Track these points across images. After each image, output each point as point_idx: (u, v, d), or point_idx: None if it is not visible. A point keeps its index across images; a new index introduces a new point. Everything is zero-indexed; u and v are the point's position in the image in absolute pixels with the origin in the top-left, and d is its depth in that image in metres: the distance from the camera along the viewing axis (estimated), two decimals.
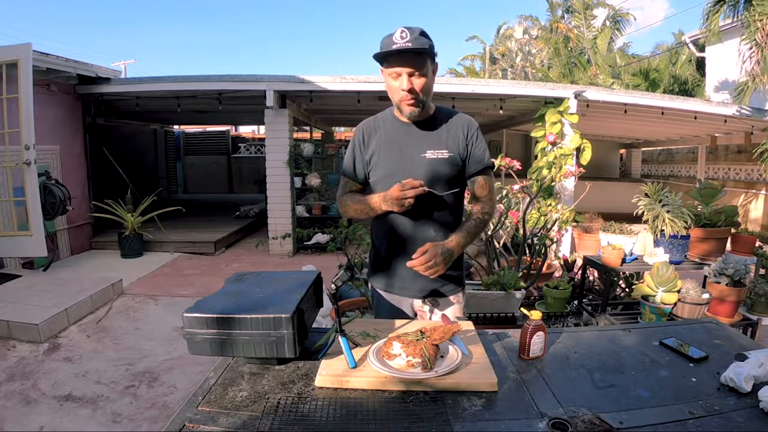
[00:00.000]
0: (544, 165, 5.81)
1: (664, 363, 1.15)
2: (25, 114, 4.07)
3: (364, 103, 6.18)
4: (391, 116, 1.51)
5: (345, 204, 1.52)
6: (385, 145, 1.47)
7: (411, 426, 0.88)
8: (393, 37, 1.32)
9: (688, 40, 11.35)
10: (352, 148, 1.53)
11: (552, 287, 2.89)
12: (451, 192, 1.44)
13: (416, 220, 1.45)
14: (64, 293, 3.73)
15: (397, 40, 1.31)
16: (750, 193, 8.07)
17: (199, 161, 12.86)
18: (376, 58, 1.36)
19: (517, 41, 18.83)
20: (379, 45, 1.36)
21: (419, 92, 1.37)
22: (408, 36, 1.31)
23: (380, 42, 1.36)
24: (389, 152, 1.46)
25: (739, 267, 2.43)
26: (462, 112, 1.54)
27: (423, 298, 1.53)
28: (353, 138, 1.54)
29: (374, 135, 1.50)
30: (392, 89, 1.41)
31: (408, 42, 1.30)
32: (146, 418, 2.33)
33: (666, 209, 2.77)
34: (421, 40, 1.32)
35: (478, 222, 1.45)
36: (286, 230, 6.04)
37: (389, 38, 1.33)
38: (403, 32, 1.31)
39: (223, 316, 1.05)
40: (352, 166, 1.53)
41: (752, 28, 6.00)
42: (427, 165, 1.43)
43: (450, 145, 1.45)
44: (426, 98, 1.41)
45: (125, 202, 5.73)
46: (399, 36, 1.31)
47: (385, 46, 1.33)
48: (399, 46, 1.30)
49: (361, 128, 1.53)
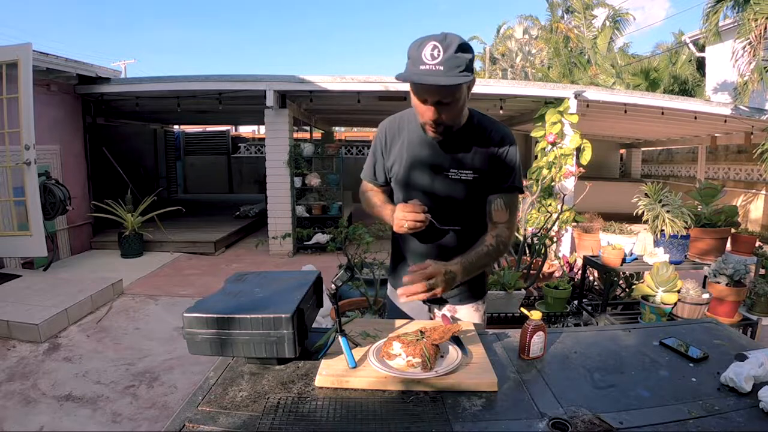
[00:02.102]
0: (544, 165, 5.81)
1: (664, 363, 1.15)
2: (25, 114, 4.07)
3: (364, 103, 6.19)
4: (416, 122, 1.31)
5: (364, 200, 1.47)
6: (407, 156, 1.33)
7: (411, 426, 0.88)
8: (422, 54, 1.07)
9: (688, 40, 11.35)
10: (373, 152, 1.41)
11: (552, 287, 2.89)
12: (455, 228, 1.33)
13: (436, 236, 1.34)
14: (64, 293, 3.73)
15: (426, 59, 1.07)
16: (750, 193, 8.07)
17: (199, 161, 12.87)
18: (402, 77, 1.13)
19: (517, 41, 18.84)
20: (407, 52, 1.12)
21: (447, 121, 1.19)
22: (441, 55, 1.06)
23: (408, 49, 1.12)
24: (410, 165, 1.32)
25: (739, 267, 2.43)
26: (497, 125, 1.32)
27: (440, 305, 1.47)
28: (375, 139, 1.41)
29: (397, 139, 1.35)
30: (417, 108, 1.21)
31: (439, 64, 1.06)
32: (146, 418, 2.33)
33: (666, 209, 2.77)
34: (457, 60, 1.07)
35: (490, 250, 1.27)
36: (286, 230, 6.04)
37: (418, 52, 1.08)
38: (435, 48, 1.06)
39: (223, 316, 1.05)
40: (373, 172, 1.43)
41: (747, 27, 6.01)
42: (449, 185, 1.29)
43: (477, 164, 1.28)
44: (455, 123, 1.23)
45: (125, 202, 5.73)
46: (429, 54, 1.06)
47: (412, 64, 1.10)
48: (427, 73, 1.07)
49: (384, 129, 1.39)
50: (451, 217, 1.33)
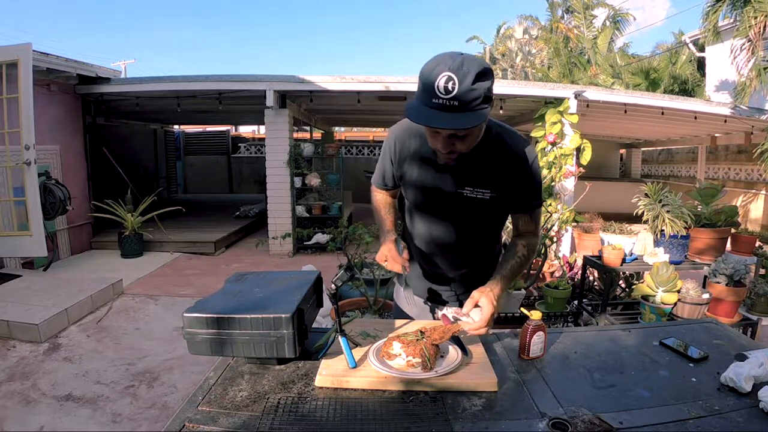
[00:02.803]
0: (544, 165, 5.80)
1: (664, 363, 1.15)
2: (25, 114, 4.07)
3: (364, 103, 6.19)
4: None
5: (375, 202, 1.45)
6: (418, 170, 1.25)
7: (411, 426, 0.88)
8: (435, 85, 0.96)
9: (688, 40, 11.35)
10: (383, 157, 1.35)
11: (552, 287, 2.89)
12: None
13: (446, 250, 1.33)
14: (64, 293, 3.73)
15: (439, 92, 0.96)
16: (750, 193, 8.07)
17: (199, 161, 12.86)
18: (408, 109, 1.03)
19: (517, 41, 18.82)
20: (419, 74, 1.01)
21: (461, 151, 1.11)
22: (456, 88, 0.95)
23: (420, 72, 1.01)
24: (421, 180, 1.25)
25: (738, 267, 2.43)
26: (519, 139, 1.22)
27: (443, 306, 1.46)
28: (386, 145, 1.34)
29: (406, 152, 1.27)
30: (427, 133, 1.12)
31: (454, 99, 0.96)
32: (146, 418, 2.33)
33: (666, 209, 2.77)
34: (474, 92, 0.96)
35: (522, 261, 1.24)
36: (286, 230, 6.04)
37: (429, 80, 0.97)
38: (449, 81, 0.94)
39: (223, 316, 1.05)
40: (382, 177, 1.39)
41: (746, 25, 6.01)
42: (463, 203, 1.22)
43: (493, 183, 1.19)
44: (468, 150, 1.12)
45: (125, 202, 5.73)
46: (443, 87, 0.95)
47: (423, 92, 0.99)
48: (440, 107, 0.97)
49: (393, 137, 1.30)
50: (463, 237, 1.30)
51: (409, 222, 1.42)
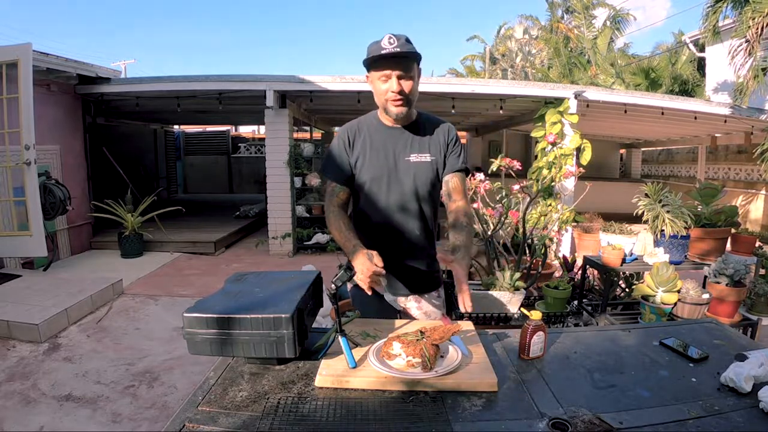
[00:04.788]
0: (544, 165, 5.81)
1: (664, 363, 1.15)
2: (25, 114, 4.07)
3: (364, 103, 6.18)
4: (375, 120, 1.56)
5: (330, 222, 1.51)
6: (371, 148, 1.52)
7: (411, 426, 0.88)
8: (381, 43, 1.40)
9: (688, 40, 11.34)
10: (336, 151, 1.55)
11: (552, 287, 2.89)
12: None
13: (403, 219, 1.52)
14: (64, 293, 3.73)
15: (385, 45, 1.39)
16: (750, 193, 8.07)
17: (199, 161, 12.86)
18: (366, 62, 1.44)
19: (517, 41, 18.82)
20: (366, 51, 1.43)
21: (408, 93, 1.44)
22: (396, 42, 1.39)
23: (367, 48, 1.44)
24: (375, 155, 1.51)
25: (739, 267, 2.42)
26: (441, 119, 1.60)
27: (406, 296, 1.58)
28: (337, 140, 1.57)
29: (359, 138, 1.54)
30: (379, 92, 1.46)
31: (396, 47, 1.38)
32: (146, 418, 2.33)
33: (666, 209, 2.77)
34: (409, 45, 1.41)
35: (469, 227, 1.46)
36: (286, 230, 6.04)
37: (377, 44, 1.41)
38: (390, 38, 1.39)
39: (223, 316, 1.05)
40: (340, 170, 1.54)
41: (744, 26, 6.01)
42: (411, 168, 1.51)
43: (432, 149, 1.53)
44: (413, 99, 1.47)
45: (125, 202, 5.73)
46: (387, 42, 1.40)
47: (374, 51, 1.40)
48: (389, 51, 1.38)
49: (345, 131, 1.58)
50: (413, 198, 1.51)
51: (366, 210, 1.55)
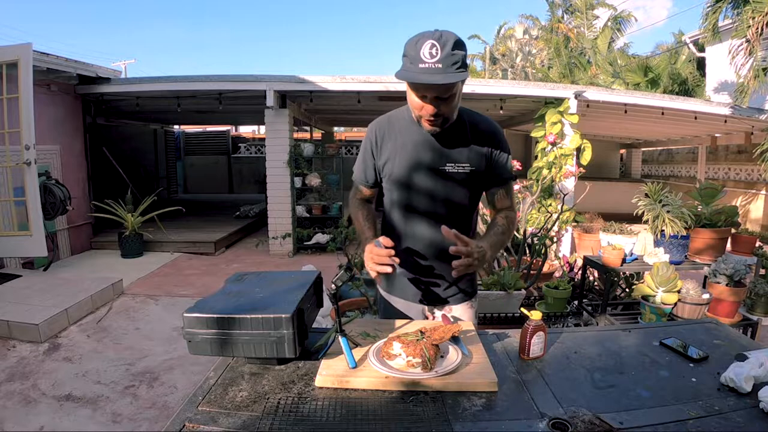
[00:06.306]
0: (544, 165, 5.81)
1: (664, 363, 1.15)
2: (25, 114, 4.07)
3: (364, 103, 6.18)
4: (408, 118, 1.34)
5: (351, 210, 1.46)
6: (401, 153, 1.33)
7: (411, 426, 0.88)
8: (421, 53, 1.10)
9: (688, 40, 11.34)
10: (363, 152, 1.41)
11: (552, 287, 2.89)
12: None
13: (433, 226, 1.34)
14: (64, 293, 3.73)
15: (425, 57, 1.10)
16: (750, 193, 8.07)
17: (199, 161, 12.86)
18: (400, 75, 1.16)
19: (517, 41, 18.83)
20: (403, 49, 1.15)
21: (446, 114, 1.23)
22: (439, 53, 1.09)
23: (405, 46, 1.15)
24: (406, 162, 1.33)
25: (739, 267, 2.42)
26: (486, 118, 1.39)
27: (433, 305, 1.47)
28: (365, 140, 1.41)
29: (389, 138, 1.36)
30: (413, 104, 1.24)
31: (438, 62, 1.10)
32: (146, 418, 2.33)
33: (666, 209, 2.77)
34: (454, 57, 1.11)
35: (504, 229, 1.34)
36: (286, 230, 6.04)
37: (415, 50, 1.11)
38: (433, 47, 1.10)
39: (223, 316, 1.05)
40: (363, 172, 1.43)
41: (744, 25, 6.01)
42: (446, 179, 1.33)
43: (472, 157, 1.32)
44: (451, 117, 1.26)
45: (125, 202, 5.73)
46: (428, 53, 1.10)
47: (411, 62, 1.13)
48: (426, 72, 1.10)
49: (374, 129, 1.39)
50: (449, 212, 1.36)
51: (394, 217, 1.41)
